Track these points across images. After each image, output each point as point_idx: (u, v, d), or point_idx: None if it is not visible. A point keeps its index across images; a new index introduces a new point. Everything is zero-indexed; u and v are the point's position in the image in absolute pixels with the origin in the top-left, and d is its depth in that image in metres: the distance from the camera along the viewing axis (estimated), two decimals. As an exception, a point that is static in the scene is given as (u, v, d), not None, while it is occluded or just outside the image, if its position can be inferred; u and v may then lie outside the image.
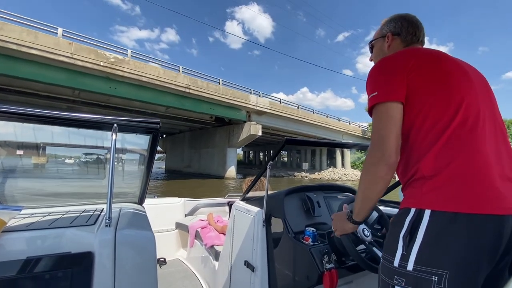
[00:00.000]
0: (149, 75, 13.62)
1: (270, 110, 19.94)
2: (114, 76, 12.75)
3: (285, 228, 1.34)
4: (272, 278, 1.33)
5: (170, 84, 14.44)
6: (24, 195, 1.43)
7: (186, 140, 26.80)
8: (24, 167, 1.73)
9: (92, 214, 1.12)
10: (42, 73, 11.25)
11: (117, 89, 13.35)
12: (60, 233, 0.90)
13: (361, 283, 1.36)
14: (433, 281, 0.62)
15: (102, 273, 0.85)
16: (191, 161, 25.43)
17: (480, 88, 0.78)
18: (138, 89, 13.99)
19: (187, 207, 2.84)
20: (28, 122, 0.97)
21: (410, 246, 0.67)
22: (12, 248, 0.83)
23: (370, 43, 1.05)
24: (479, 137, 0.70)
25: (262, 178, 1.80)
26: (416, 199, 0.70)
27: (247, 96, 18.45)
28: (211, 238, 2.12)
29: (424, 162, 0.71)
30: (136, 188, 1.47)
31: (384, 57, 0.84)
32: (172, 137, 30.54)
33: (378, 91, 0.77)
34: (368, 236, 1.08)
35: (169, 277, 2.21)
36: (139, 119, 1.04)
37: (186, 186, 16.02)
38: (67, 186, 2.05)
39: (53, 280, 0.79)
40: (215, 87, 16.60)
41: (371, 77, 0.83)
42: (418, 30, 0.94)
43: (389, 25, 0.97)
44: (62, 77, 11.75)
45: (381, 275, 0.74)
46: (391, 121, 0.74)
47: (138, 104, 16.21)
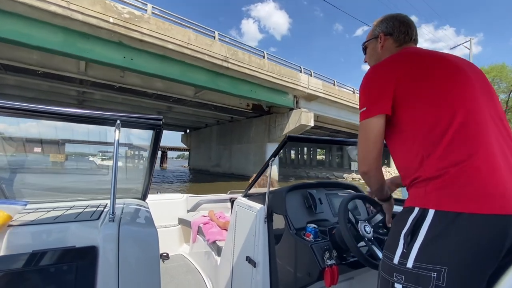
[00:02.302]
0: (176, 40, 9.85)
1: (324, 94, 15.61)
2: (130, 40, 9.11)
3: (286, 225, 1.34)
4: (274, 274, 1.33)
5: (203, 54, 10.61)
6: (28, 190, 1.50)
7: (214, 135, 23.13)
8: (29, 163, 1.86)
9: (96, 209, 1.14)
10: (30, 32, 7.83)
11: (134, 61, 9.74)
12: (65, 228, 0.93)
13: (362, 279, 1.36)
14: (432, 277, 0.62)
15: (106, 267, 0.85)
16: (220, 160, 21.72)
17: (479, 86, 0.78)
18: (161, 61, 10.30)
19: (190, 203, 2.84)
20: (32, 118, 0.98)
21: (411, 244, 0.68)
22: (18, 241, 0.85)
23: (363, 44, 1.05)
24: (483, 136, 0.70)
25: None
26: (420, 199, 0.71)
27: (296, 74, 14.27)
28: (213, 234, 2.12)
29: (428, 164, 0.71)
30: (139, 184, 1.49)
31: (373, 66, 0.88)
32: (197, 132, 27.05)
33: (367, 106, 0.81)
34: (370, 233, 1.08)
35: (172, 272, 2.23)
36: (142, 115, 1.05)
37: (217, 190, 12.25)
38: (71, 182, 2.29)
39: (58, 273, 0.81)
40: (259, 62, 12.57)
41: (361, 89, 0.86)
42: (410, 29, 0.94)
43: (381, 26, 0.98)
44: (58, 39, 8.27)
45: (381, 272, 0.75)
46: (373, 140, 0.80)
47: (160, 85, 12.61)
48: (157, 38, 9.42)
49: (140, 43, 9.33)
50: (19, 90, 13.72)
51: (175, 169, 36.41)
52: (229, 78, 12.25)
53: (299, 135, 1.32)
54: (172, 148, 53.29)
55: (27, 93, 14.38)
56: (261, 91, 13.53)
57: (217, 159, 22.19)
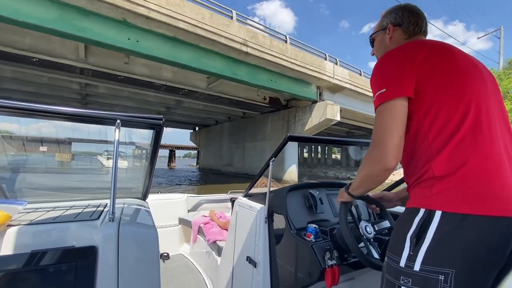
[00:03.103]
0: (188, 19, 8.40)
1: (351, 84, 13.97)
2: (135, 17, 7.72)
3: (287, 225, 1.33)
4: (274, 274, 1.33)
5: (220, 37, 9.14)
6: (27, 190, 1.50)
7: (225, 133, 21.71)
8: (29, 162, 2.42)
9: (95, 209, 1.14)
10: (17, 6, 6.53)
11: (140, 43, 8.35)
12: (65, 228, 0.93)
13: (363, 279, 1.36)
14: (440, 280, 0.62)
15: (106, 267, 0.86)
16: (232, 159, 20.30)
17: (491, 87, 0.77)
18: (171, 45, 8.89)
19: (190, 203, 2.84)
20: (32, 117, 0.98)
21: (418, 247, 0.66)
22: (18, 241, 0.85)
23: (371, 36, 1.02)
24: (492, 138, 0.69)
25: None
26: (426, 200, 0.69)
27: (321, 62, 12.67)
28: (214, 234, 2.12)
29: (436, 163, 0.69)
30: (139, 183, 1.49)
31: (391, 49, 0.82)
32: (207, 129, 25.70)
33: (387, 87, 0.75)
34: (371, 233, 1.08)
35: (172, 272, 2.23)
36: (142, 115, 1.05)
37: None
38: (70, 181, 2.52)
39: (58, 273, 0.81)
40: (281, 47, 11.02)
41: (378, 71, 0.80)
42: (420, 20, 0.90)
43: (389, 17, 0.95)
44: (51, 15, 6.94)
45: (386, 275, 0.73)
46: (396, 122, 0.72)
47: (170, 75, 11.24)
48: (166, 16, 7.99)
49: (146, 21, 7.92)
50: (17, 84, 12.58)
51: (184, 168, 35.29)
52: (248, 66, 10.77)
53: (301, 135, 0.96)
54: (180, 147, 52.05)
55: (26, 87, 13.25)
56: (281, 81, 12.01)
57: (229, 158, 20.77)
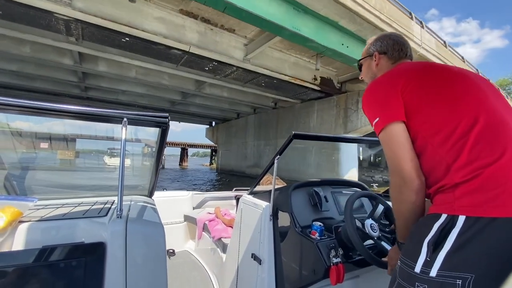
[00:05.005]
0: None
1: (439, 58, 10.10)
2: None
3: (292, 222, 1.34)
4: (279, 271, 1.34)
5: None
6: (37, 187, 1.52)
7: (251, 128, 18.07)
8: (37, 160, 1.82)
9: (103, 206, 1.16)
10: None
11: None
12: (74, 224, 0.95)
13: (368, 277, 1.36)
14: (457, 284, 0.61)
15: (114, 263, 0.87)
16: (260, 159, 16.63)
17: (489, 90, 0.78)
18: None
19: (195, 200, 2.85)
20: (39, 116, 0.99)
21: (436, 253, 0.65)
22: (29, 237, 0.87)
23: (358, 62, 1.11)
24: (507, 136, 0.69)
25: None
26: (449, 205, 0.68)
27: (408, 22, 8.88)
28: (219, 231, 2.13)
29: (454, 171, 0.69)
30: (146, 181, 1.51)
31: (376, 80, 0.89)
32: (227, 124, 22.07)
33: (379, 116, 0.80)
34: (376, 231, 1.09)
35: (178, 268, 2.26)
36: (148, 113, 1.07)
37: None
38: (78, 178, 2.46)
39: (68, 268, 0.83)
40: (363, -9, 7.29)
41: (366, 104, 0.87)
42: (404, 47, 0.98)
43: (375, 45, 1.02)
44: None
45: (398, 279, 0.72)
46: (401, 145, 0.75)
47: (196, 36, 7.66)
48: None
49: None
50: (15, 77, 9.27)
51: (197, 168, 31.89)
52: (315, 18, 7.09)
53: (307, 133, 1.33)
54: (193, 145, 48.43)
55: (7, 64, 9.95)
56: (355, 47, 8.26)
57: (256, 158, 17.12)
